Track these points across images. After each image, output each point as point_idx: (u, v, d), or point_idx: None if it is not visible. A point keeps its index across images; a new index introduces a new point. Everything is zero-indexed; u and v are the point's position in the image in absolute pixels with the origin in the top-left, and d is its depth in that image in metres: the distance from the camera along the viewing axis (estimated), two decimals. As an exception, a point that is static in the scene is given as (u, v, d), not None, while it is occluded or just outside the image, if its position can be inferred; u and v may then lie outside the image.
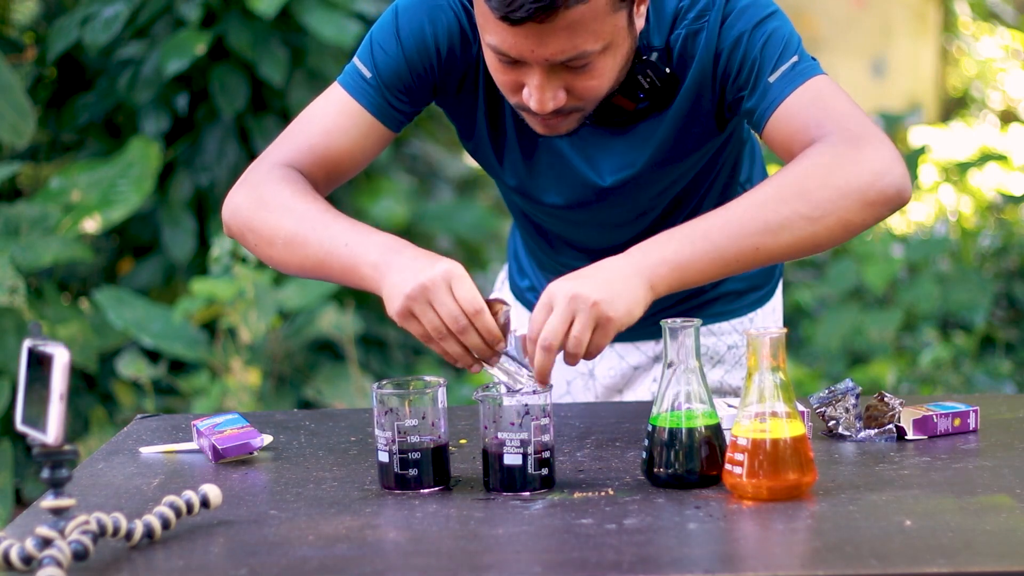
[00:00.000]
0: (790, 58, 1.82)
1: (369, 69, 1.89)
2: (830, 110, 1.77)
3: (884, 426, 1.85)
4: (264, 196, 1.84)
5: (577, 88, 1.76)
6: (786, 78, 1.80)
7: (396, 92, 1.89)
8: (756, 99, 1.82)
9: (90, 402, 4.10)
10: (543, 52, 1.71)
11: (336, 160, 1.91)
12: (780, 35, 1.83)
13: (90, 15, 4.20)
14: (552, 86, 1.75)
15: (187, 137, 4.33)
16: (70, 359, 1.41)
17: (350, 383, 4.05)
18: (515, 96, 1.79)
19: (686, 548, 1.49)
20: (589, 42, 1.71)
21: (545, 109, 1.76)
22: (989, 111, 8.30)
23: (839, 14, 7.68)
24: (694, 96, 1.87)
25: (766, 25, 1.83)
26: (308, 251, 1.79)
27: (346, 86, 1.91)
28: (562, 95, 1.76)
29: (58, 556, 1.41)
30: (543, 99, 1.75)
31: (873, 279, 4.78)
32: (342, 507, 1.63)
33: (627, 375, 2.21)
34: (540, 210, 2.05)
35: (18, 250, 3.71)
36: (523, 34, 1.69)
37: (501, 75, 1.78)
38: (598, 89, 1.78)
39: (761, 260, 1.72)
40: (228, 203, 1.89)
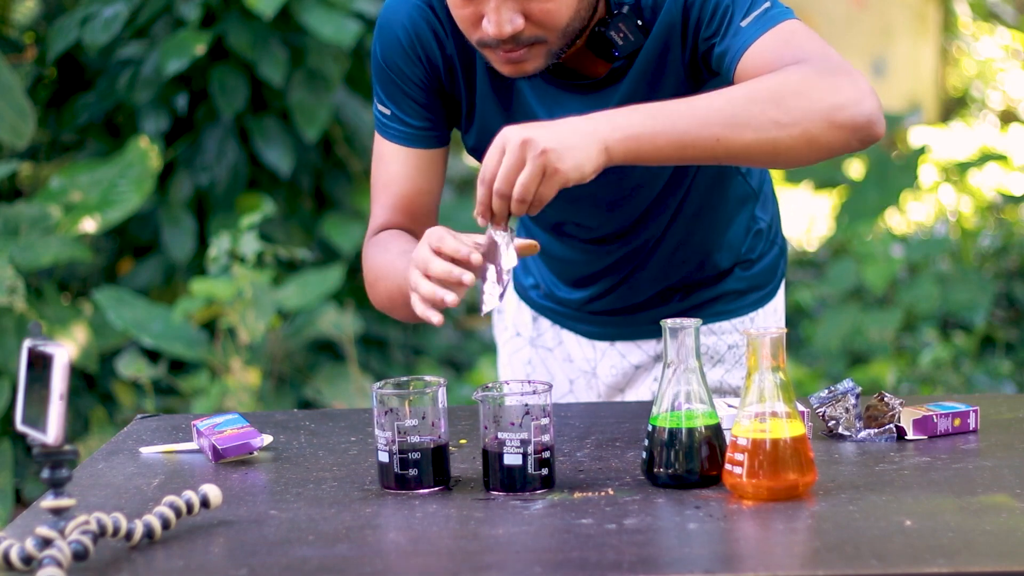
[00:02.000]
0: (762, 4, 1.80)
1: (385, 107, 1.96)
2: (805, 48, 1.75)
3: (884, 426, 1.85)
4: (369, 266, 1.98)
5: (535, 13, 1.76)
6: (758, 22, 1.78)
7: (415, 115, 1.95)
8: (727, 43, 1.79)
9: (90, 402, 4.10)
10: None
11: (414, 201, 1.99)
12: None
13: (90, 15, 4.20)
14: (508, 8, 1.74)
15: (187, 137, 4.33)
16: (70, 359, 1.41)
17: (350, 383, 4.05)
18: (476, 31, 1.79)
19: (686, 548, 1.49)
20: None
21: (503, 33, 1.75)
22: (989, 111, 8.30)
23: (839, 14, 7.68)
24: (662, 47, 1.86)
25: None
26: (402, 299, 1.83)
27: (381, 132, 1.99)
28: (519, 20, 1.75)
29: (58, 556, 1.41)
30: (500, 21, 1.75)
31: (873, 279, 4.78)
32: (342, 507, 1.63)
33: (629, 374, 2.21)
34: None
35: (18, 250, 3.71)
36: None
37: (460, 9, 1.79)
38: (556, 14, 1.76)
39: (720, 153, 1.67)
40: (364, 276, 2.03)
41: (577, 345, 2.23)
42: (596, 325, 2.19)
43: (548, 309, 2.24)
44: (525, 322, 2.28)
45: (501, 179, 1.64)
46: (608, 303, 2.16)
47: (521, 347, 2.28)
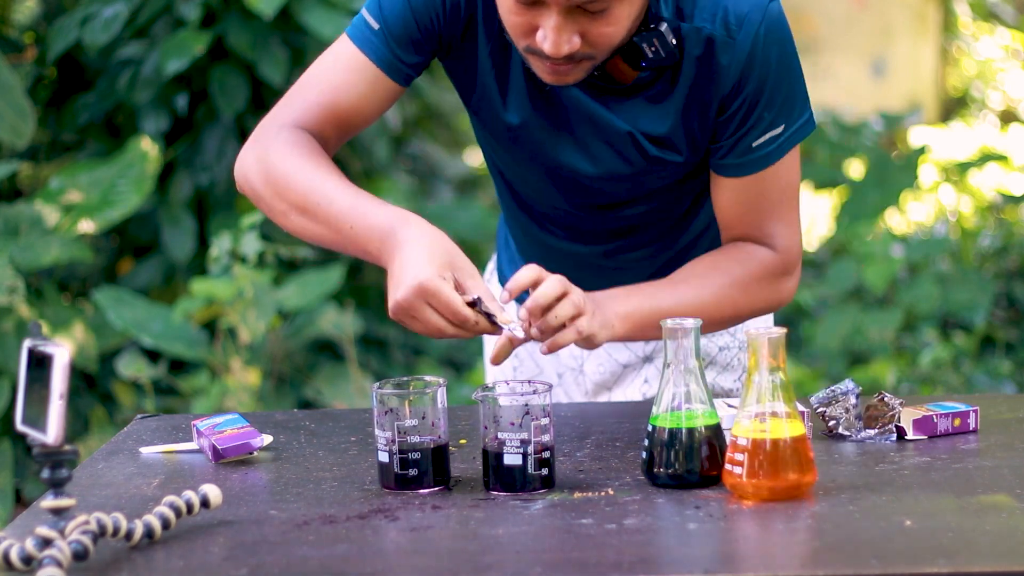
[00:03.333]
0: (779, 125, 1.89)
1: (377, 21, 1.89)
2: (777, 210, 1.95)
3: (884, 426, 1.86)
4: (272, 165, 1.87)
5: (592, 34, 1.76)
6: (763, 149, 1.90)
7: (403, 44, 1.89)
8: (730, 151, 1.91)
9: (90, 402, 4.10)
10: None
11: (345, 116, 1.92)
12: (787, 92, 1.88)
13: (90, 15, 4.20)
14: (568, 29, 1.74)
15: (187, 137, 4.33)
16: (70, 359, 1.41)
17: (350, 383, 4.05)
18: (526, 39, 1.78)
19: (686, 548, 1.49)
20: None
21: (559, 52, 1.75)
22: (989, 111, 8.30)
23: (839, 14, 7.68)
24: (700, 94, 1.88)
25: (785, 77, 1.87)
26: (317, 229, 1.84)
27: (354, 38, 1.91)
28: (577, 40, 1.76)
29: (58, 556, 1.41)
30: (558, 41, 1.74)
31: (873, 279, 4.78)
32: (342, 507, 1.63)
33: (616, 372, 2.20)
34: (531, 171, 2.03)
35: (18, 250, 3.71)
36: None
37: (515, 16, 1.77)
38: (612, 37, 1.77)
39: None
40: (240, 164, 1.93)
41: None
42: None
43: None
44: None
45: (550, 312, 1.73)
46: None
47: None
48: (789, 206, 1.97)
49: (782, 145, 1.91)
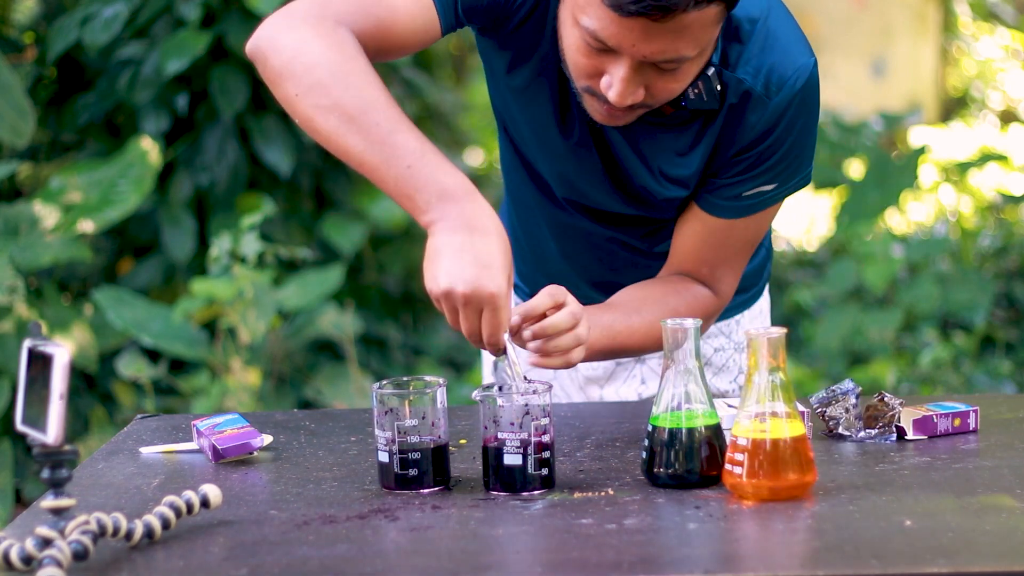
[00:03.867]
0: (773, 183, 1.90)
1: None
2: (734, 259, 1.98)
3: (884, 426, 1.86)
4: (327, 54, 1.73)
5: (657, 87, 1.75)
6: (749, 200, 1.92)
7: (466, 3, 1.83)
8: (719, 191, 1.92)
9: (90, 402, 4.10)
10: (644, 49, 1.69)
11: (391, 39, 1.82)
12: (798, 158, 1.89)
13: (90, 15, 4.20)
14: (636, 82, 1.73)
15: (187, 137, 4.33)
16: (70, 359, 1.41)
17: (350, 383, 4.05)
18: (588, 80, 1.77)
19: (686, 548, 1.49)
20: (690, 47, 1.70)
21: (624, 103, 1.74)
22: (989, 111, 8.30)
23: (839, 14, 7.68)
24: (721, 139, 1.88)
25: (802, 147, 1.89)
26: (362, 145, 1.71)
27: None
28: (641, 92, 1.75)
29: (58, 556, 1.41)
30: (624, 93, 1.73)
31: (873, 279, 4.78)
32: (342, 507, 1.63)
33: (610, 369, 2.20)
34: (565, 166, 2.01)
35: (18, 250, 3.71)
36: (629, 26, 1.67)
37: (583, 58, 1.75)
38: (675, 92, 1.78)
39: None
40: (277, 33, 1.78)
41: None
42: None
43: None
44: None
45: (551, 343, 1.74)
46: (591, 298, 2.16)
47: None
48: (744, 256, 1.99)
49: (766, 200, 1.92)
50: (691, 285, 1.97)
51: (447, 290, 1.65)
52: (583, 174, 1.99)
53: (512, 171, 2.10)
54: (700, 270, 1.97)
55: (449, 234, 1.67)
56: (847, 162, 5.75)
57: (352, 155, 1.73)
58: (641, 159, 1.93)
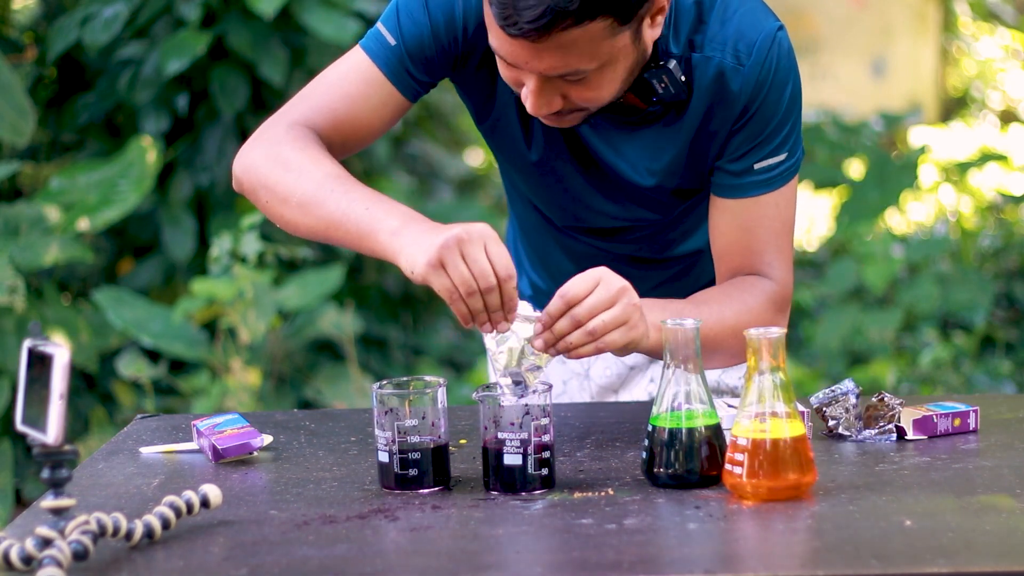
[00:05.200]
0: (782, 153, 1.89)
1: (394, 36, 1.88)
2: (775, 241, 1.93)
3: (884, 426, 1.86)
4: (282, 154, 1.83)
5: (573, 96, 1.77)
6: (766, 173, 1.90)
7: (418, 62, 1.88)
8: (731, 170, 1.90)
9: (90, 402, 4.10)
10: (537, 66, 1.72)
11: (354, 126, 1.90)
12: (793, 122, 1.89)
13: (90, 15, 4.20)
14: (547, 92, 1.75)
15: (187, 137, 4.33)
16: (70, 359, 1.41)
17: (350, 383, 4.05)
18: (517, 89, 1.80)
19: (686, 548, 1.49)
20: (584, 61, 1.71)
21: (539, 114, 1.78)
22: (989, 111, 8.30)
23: (839, 14, 7.68)
24: (708, 123, 1.88)
25: (792, 107, 1.88)
26: (323, 212, 1.77)
27: (368, 52, 1.89)
28: (557, 101, 1.77)
29: (58, 556, 1.41)
30: (536, 104, 1.76)
31: (873, 279, 4.78)
32: (342, 507, 1.63)
33: (623, 375, 2.20)
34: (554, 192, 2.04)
35: (18, 250, 3.71)
36: (518, 46, 1.70)
37: (504, 71, 1.79)
38: (596, 99, 1.78)
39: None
40: (242, 158, 1.88)
41: None
42: None
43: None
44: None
45: (587, 308, 1.68)
46: None
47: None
48: (786, 240, 1.96)
49: (783, 174, 1.91)
50: (754, 280, 1.94)
51: (441, 243, 1.63)
52: (570, 191, 1.99)
53: (515, 201, 2.14)
54: (747, 262, 1.94)
55: (417, 233, 1.68)
56: (847, 162, 5.75)
57: (319, 228, 1.79)
58: (623, 158, 1.94)
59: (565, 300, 1.69)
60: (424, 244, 1.65)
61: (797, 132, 1.91)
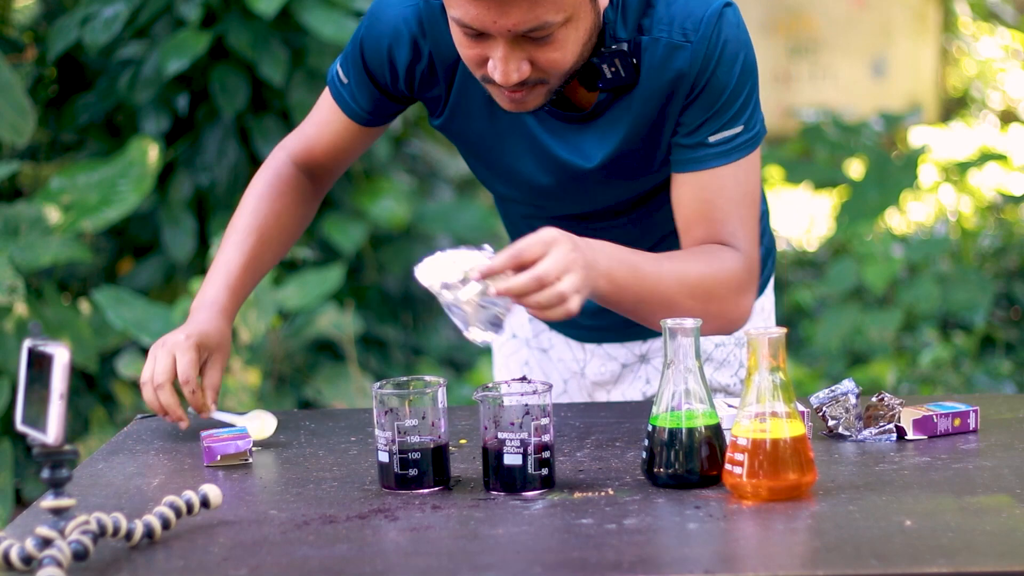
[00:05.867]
0: (737, 125, 1.89)
1: (345, 75, 2.02)
2: (732, 215, 1.91)
3: (884, 426, 1.86)
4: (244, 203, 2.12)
5: (541, 60, 1.78)
6: (721, 148, 1.89)
7: (368, 99, 2.01)
8: (685, 146, 1.90)
9: (90, 402, 4.10)
10: (505, 23, 1.73)
11: (328, 156, 2.10)
12: (747, 95, 1.89)
13: (90, 15, 4.20)
14: (516, 57, 1.77)
15: (187, 137, 4.33)
16: (70, 359, 1.41)
17: (350, 383, 4.05)
18: (480, 69, 1.82)
19: (686, 548, 1.49)
20: (550, 12, 1.74)
21: (509, 81, 1.78)
22: (989, 111, 8.30)
23: (839, 14, 7.67)
24: (663, 100, 1.88)
25: (744, 80, 1.88)
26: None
27: (331, 90, 2.05)
28: (526, 67, 1.78)
29: (58, 556, 1.41)
30: (507, 71, 1.78)
31: (873, 279, 4.78)
32: (342, 507, 1.63)
33: (616, 373, 2.22)
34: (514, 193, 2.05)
35: (18, 250, 3.70)
36: (485, 5, 1.72)
37: (466, 49, 1.81)
38: (561, 61, 1.79)
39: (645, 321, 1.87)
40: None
41: (566, 347, 2.24)
42: (584, 328, 2.20)
43: None
44: (522, 323, 2.28)
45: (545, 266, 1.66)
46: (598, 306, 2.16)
47: (519, 348, 2.29)
48: (749, 211, 1.94)
49: (741, 146, 1.90)
50: (719, 248, 1.92)
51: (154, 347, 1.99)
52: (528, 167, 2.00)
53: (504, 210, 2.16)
54: (711, 231, 1.92)
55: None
56: (847, 162, 5.75)
57: None
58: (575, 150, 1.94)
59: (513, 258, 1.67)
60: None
61: (754, 104, 1.91)
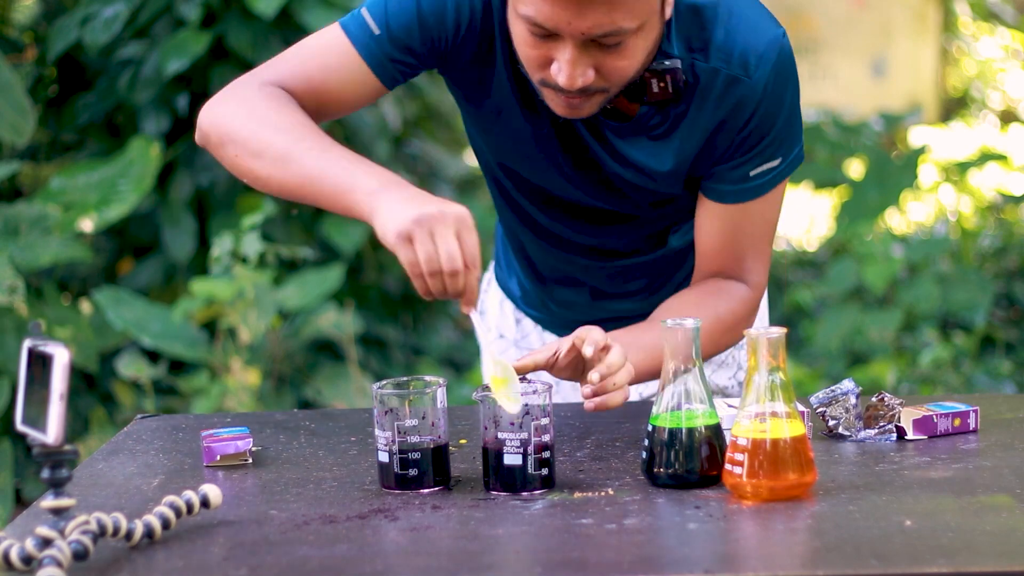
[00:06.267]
0: (777, 158, 1.89)
1: (379, 26, 1.85)
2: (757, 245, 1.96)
3: (884, 426, 1.86)
4: (257, 110, 1.83)
5: (606, 67, 1.75)
6: (759, 179, 1.90)
7: (402, 53, 1.86)
8: (726, 177, 1.90)
9: (90, 402, 4.10)
10: (580, 24, 1.69)
11: (328, 97, 1.89)
12: (793, 128, 1.89)
13: (90, 15, 4.20)
14: (583, 62, 1.73)
15: (187, 137, 4.33)
16: (70, 359, 1.41)
17: (350, 383, 4.05)
18: (541, 72, 1.77)
19: (686, 548, 1.49)
20: (627, 19, 1.70)
21: (574, 85, 1.74)
22: (989, 111, 8.30)
23: (839, 14, 7.68)
24: (713, 129, 1.87)
25: (793, 114, 1.88)
26: (299, 168, 1.77)
27: (350, 35, 1.87)
28: (591, 73, 1.75)
29: (58, 556, 1.41)
30: (573, 74, 1.74)
31: (873, 279, 4.78)
32: (342, 507, 1.63)
33: None
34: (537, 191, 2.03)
35: (18, 250, 3.71)
36: (562, 5, 1.68)
37: (531, 49, 1.76)
38: (627, 70, 1.77)
39: None
40: (210, 111, 1.87)
41: None
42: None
43: (532, 316, 2.24)
44: (508, 325, 2.28)
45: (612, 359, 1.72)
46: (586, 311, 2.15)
47: (506, 348, 2.28)
48: (767, 241, 1.97)
49: (774, 178, 1.91)
50: (724, 284, 1.95)
51: (417, 216, 1.64)
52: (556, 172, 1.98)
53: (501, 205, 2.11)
54: (727, 265, 1.96)
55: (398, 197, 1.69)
56: (847, 162, 5.75)
57: (292, 185, 1.78)
58: (614, 155, 1.93)
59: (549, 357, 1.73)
60: (399, 213, 1.65)
61: (794, 134, 1.91)
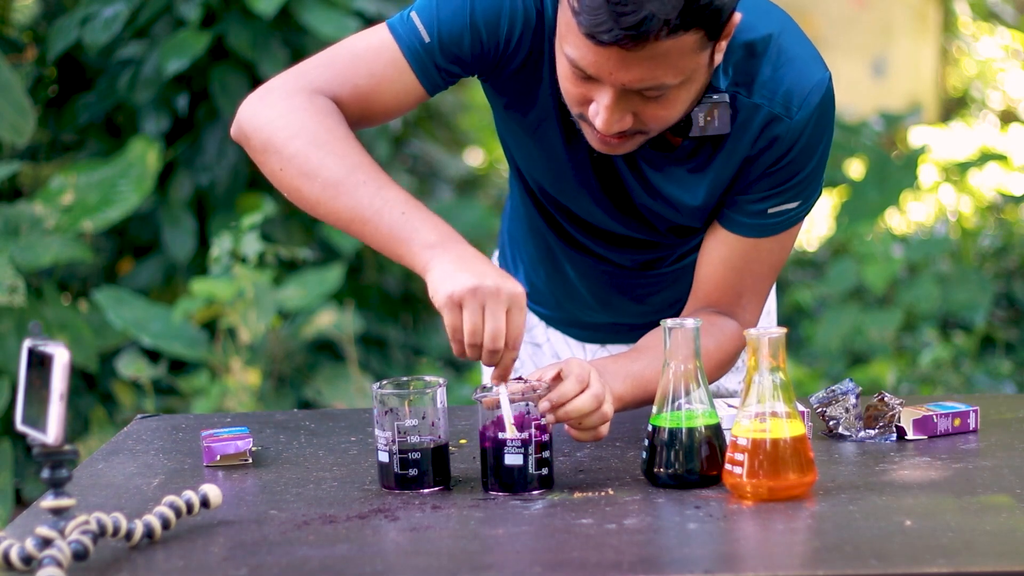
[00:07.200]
0: (797, 200, 1.87)
1: (429, 33, 1.81)
2: (759, 284, 1.95)
3: (884, 426, 1.86)
4: (308, 125, 1.78)
5: (645, 115, 1.73)
6: (775, 219, 1.89)
7: (450, 61, 1.82)
8: (745, 210, 1.88)
9: (90, 402, 4.10)
10: (621, 77, 1.67)
11: (373, 106, 1.85)
12: (818, 175, 1.87)
13: (90, 15, 4.20)
14: (620, 109, 1.71)
15: (187, 137, 4.33)
16: (70, 359, 1.41)
17: (350, 383, 4.05)
18: (579, 108, 1.75)
19: (686, 548, 1.49)
20: (669, 75, 1.67)
21: (610, 131, 1.72)
22: (989, 111, 8.30)
23: (839, 14, 7.68)
24: (745, 163, 1.85)
25: (822, 164, 1.87)
26: (352, 202, 1.74)
27: (399, 41, 1.83)
28: (629, 119, 1.72)
29: (58, 556, 1.41)
30: (609, 120, 1.71)
31: (873, 279, 4.78)
32: (342, 507, 1.63)
33: None
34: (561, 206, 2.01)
35: (18, 250, 3.71)
36: (605, 55, 1.65)
37: (571, 86, 1.74)
38: (666, 119, 1.75)
39: None
40: (254, 113, 1.82)
41: (566, 345, 2.23)
42: (588, 329, 2.19)
43: (537, 313, 2.23)
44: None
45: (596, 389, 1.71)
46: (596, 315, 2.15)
47: None
48: (767, 283, 1.96)
49: (791, 219, 1.89)
50: (716, 319, 1.92)
51: (474, 286, 1.63)
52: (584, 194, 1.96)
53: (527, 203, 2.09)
54: (725, 299, 1.93)
55: (457, 258, 1.68)
56: (847, 162, 5.75)
57: (342, 216, 1.76)
58: (646, 187, 1.91)
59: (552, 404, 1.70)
60: (457, 278, 1.65)
61: (818, 179, 1.89)
